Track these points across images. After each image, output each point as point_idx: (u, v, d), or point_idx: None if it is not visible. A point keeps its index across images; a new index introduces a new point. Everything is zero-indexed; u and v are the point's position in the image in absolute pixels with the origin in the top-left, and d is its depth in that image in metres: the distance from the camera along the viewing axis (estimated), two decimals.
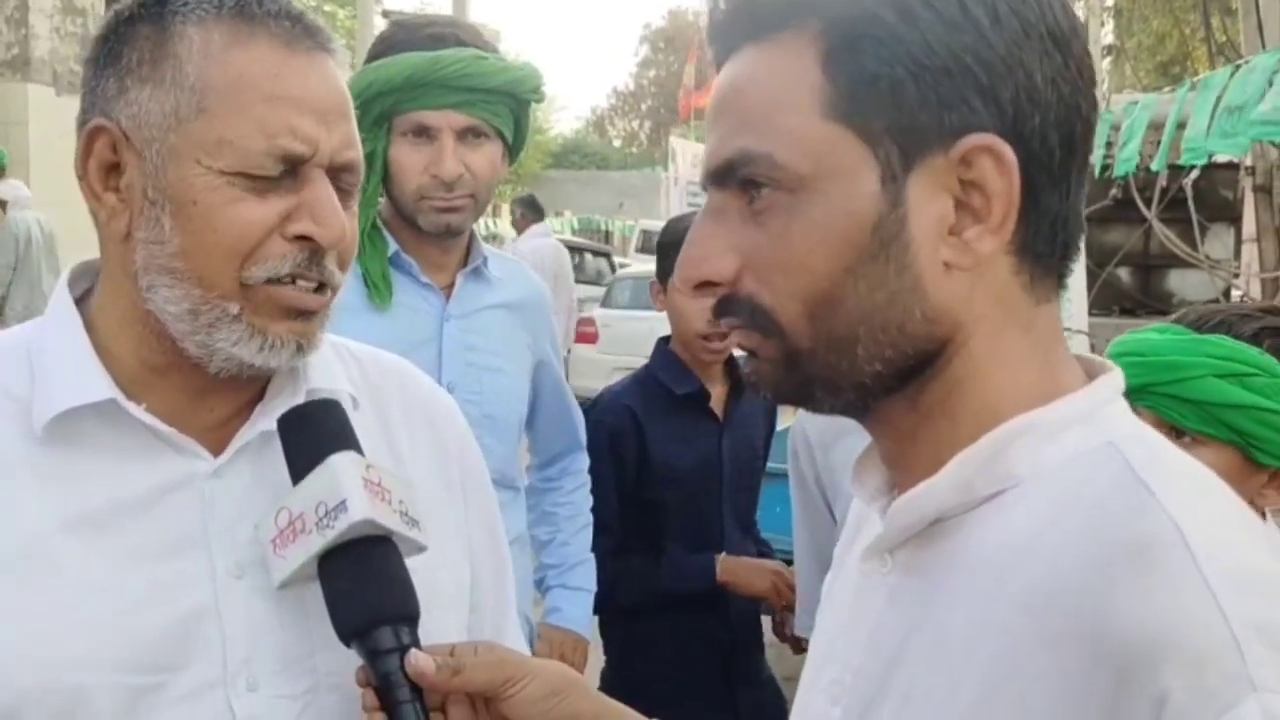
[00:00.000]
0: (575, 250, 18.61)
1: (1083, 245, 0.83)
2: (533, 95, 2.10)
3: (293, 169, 1.00)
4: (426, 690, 0.98)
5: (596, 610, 2.56)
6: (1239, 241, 7.16)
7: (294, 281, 1.01)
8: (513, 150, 2.16)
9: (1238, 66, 4.51)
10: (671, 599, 2.59)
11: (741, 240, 0.79)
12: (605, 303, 12.30)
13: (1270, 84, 3.91)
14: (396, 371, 1.24)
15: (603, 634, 2.74)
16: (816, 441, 2.27)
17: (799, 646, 2.64)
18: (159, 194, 1.00)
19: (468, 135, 2.05)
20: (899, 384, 0.79)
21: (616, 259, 19.59)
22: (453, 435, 1.24)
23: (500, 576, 1.26)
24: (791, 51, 0.77)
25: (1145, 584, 0.67)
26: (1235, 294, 6.89)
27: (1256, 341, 1.47)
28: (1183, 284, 6.46)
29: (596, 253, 19.18)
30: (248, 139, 0.98)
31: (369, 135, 1.93)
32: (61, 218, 11.85)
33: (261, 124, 0.98)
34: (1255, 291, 6.48)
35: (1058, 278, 0.81)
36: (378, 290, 2.05)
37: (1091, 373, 0.83)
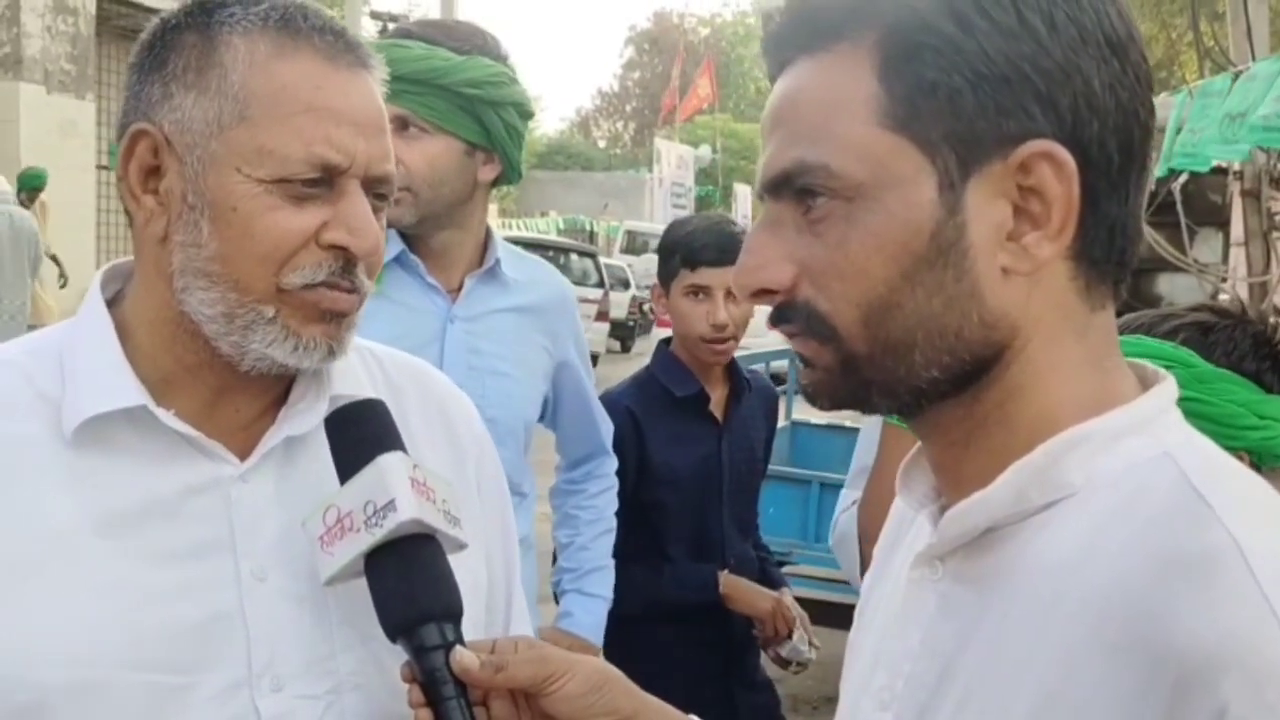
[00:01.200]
0: (561, 251, 18.70)
1: None
2: (471, 89, 2.05)
3: (330, 179, 1.02)
4: (470, 686, 0.99)
5: None
6: (1227, 246, 7.20)
7: (330, 288, 1.03)
8: (503, 156, 2.12)
9: (1238, 74, 4.55)
10: (673, 608, 2.60)
11: (797, 248, 0.79)
12: None
13: (1271, 89, 3.95)
14: (416, 371, 1.25)
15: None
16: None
17: (786, 666, 2.69)
18: (198, 199, 1.01)
19: (404, 127, 2.02)
20: (955, 390, 0.79)
21: (602, 259, 19.63)
22: (470, 435, 1.26)
23: (510, 575, 1.28)
24: (847, 62, 0.77)
25: (1204, 598, 0.68)
26: (1223, 298, 6.93)
27: (1171, 339, 1.49)
28: (1171, 288, 6.49)
29: (582, 253, 19.22)
30: (287, 148, 1.00)
31: None
32: (52, 212, 11.82)
33: (301, 134, 1.00)
34: (1243, 295, 6.52)
35: (1114, 284, 0.81)
36: None
37: (1145, 380, 0.83)
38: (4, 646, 0.96)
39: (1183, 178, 5.90)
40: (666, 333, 2.79)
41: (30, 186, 9.95)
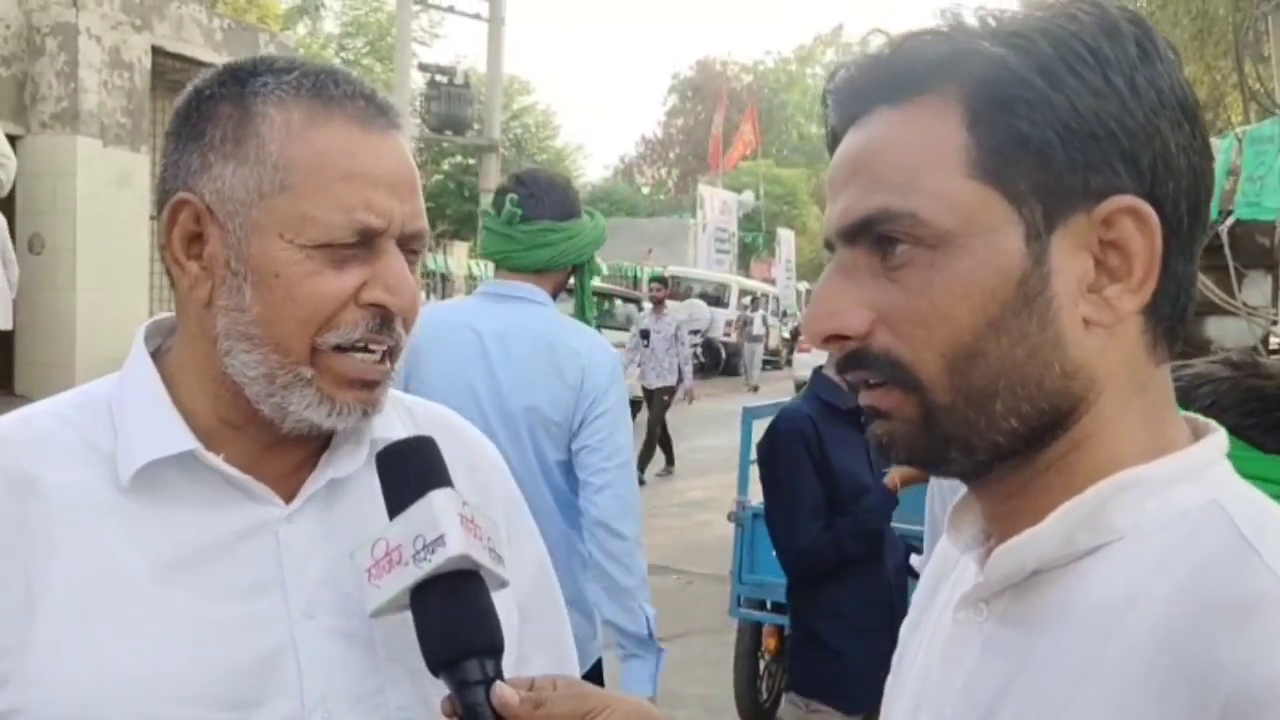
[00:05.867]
0: (605, 296, 18.79)
1: None
2: None
3: (368, 241, 1.05)
4: None
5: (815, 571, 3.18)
6: (1276, 288, 7.10)
7: (366, 348, 1.06)
8: None
9: None
10: (873, 536, 3.22)
11: (874, 295, 0.80)
12: None
13: None
14: (444, 420, 1.29)
15: (792, 599, 3.41)
16: (949, 483, 2.39)
17: None
18: (241, 264, 1.04)
19: None
20: (1027, 444, 0.80)
21: (645, 305, 19.70)
22: (498, 482, 1.29)
23: (554, 608, 1.31)
24: (933, 114, 0.79)
25: (1250, 641, 0.68)
26: (1273, 341, 6.82)
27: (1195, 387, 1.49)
28: (1220, 331, 6.39)
29: (626, 298, 19.33)
30: (329, 214, 1.03)
31: None
32: (105, 263, 12.05)
33: (341, 200, 1.03)
34: None
35: (1173, 340, 0.82)
36: None
37: (1197, 431, 0.84)
38: (73, 688, 0.99)
39: (1229, 220, 5.84)
40: (807, 355, 3.40)
41: None
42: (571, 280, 2.83)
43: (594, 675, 2.78)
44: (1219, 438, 0.82)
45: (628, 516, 2.60)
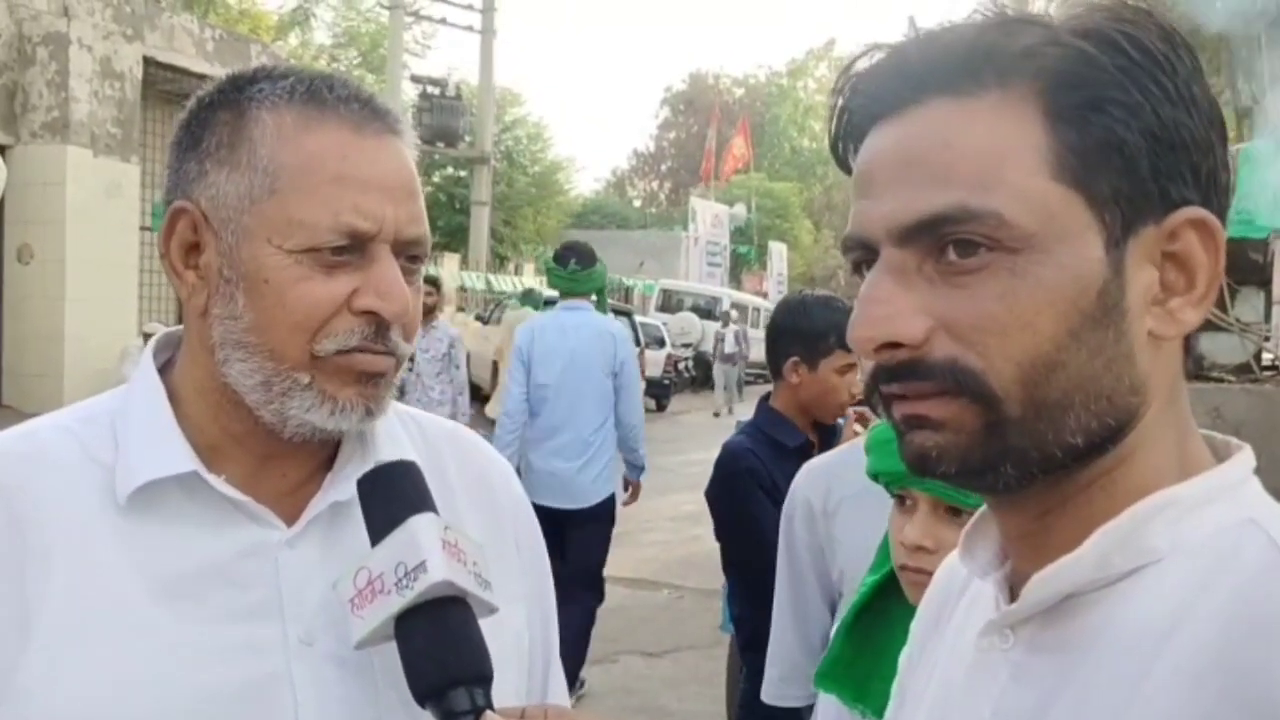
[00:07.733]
0: None
1: None
2: None
3: (360, 246, 1.03)
4: None
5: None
6: (1269, 304, 7.12)
7: (362, 354, 1.04)
8: None
9: None
10: None
11: (933, 300, 0.75)
12: None
13: None
14: (453, 436, 1.27)
15: (744, 648, 3.04)
16: (820, 510, 2.40)
17: None
18: (233, 272, 1.03)
19: None
20: (1077, 459, 0.76)
21: (637, 318, 19.73)
22: (508, 498, 1.26)
23: (548, 640, 1.28)
24: (1005, 108, 0.75)
25: None
26: (1266, 357, 6.85)
27: None
28: (1214, 347, 6.39)
29: (618, 312, 19.34)
30: (316, 218, 1.01)
31: None
32: (94, 273, 12.02)
33: (329, 203, 1.01)
34: None
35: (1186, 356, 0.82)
36: None
37: (1217, 450, 0.82)
38: (65, 710, 0.97)
39: None
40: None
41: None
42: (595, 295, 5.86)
43: (609, 503, 5.65)
44: (1247, 455, 0.81)
45: (635, 414, 5.72)
